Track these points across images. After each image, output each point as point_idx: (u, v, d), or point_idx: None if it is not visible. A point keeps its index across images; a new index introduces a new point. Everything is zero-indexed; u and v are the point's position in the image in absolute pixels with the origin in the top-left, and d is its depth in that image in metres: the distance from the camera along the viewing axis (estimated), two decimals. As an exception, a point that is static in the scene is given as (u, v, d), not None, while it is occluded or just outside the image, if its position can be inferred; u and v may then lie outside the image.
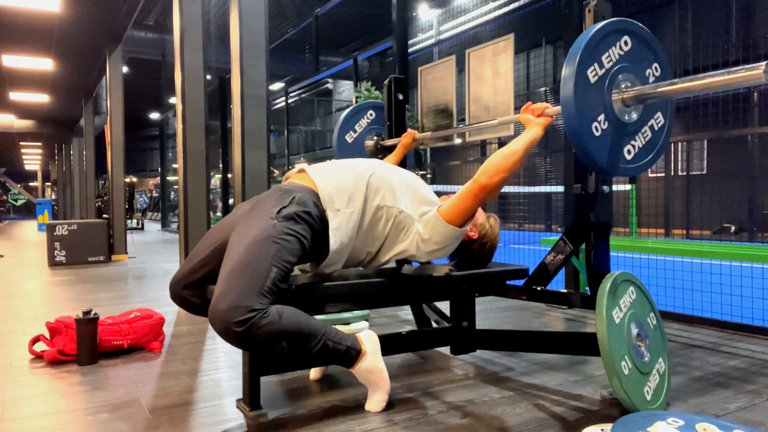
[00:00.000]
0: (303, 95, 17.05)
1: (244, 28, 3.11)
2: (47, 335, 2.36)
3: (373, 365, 1.67)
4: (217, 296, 1.48)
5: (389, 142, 2.66)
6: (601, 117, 1.57)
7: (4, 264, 6.17)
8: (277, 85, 12.73)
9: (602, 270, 1.84)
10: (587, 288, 1.98)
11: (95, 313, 2.25)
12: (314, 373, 2.02)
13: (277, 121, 15.19)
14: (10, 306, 3.57)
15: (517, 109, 2.04)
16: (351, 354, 1.65)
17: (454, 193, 1.83)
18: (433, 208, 1.80)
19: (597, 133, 1.56)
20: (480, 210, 1.96)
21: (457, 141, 2.75)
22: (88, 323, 2.21)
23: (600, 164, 1.58)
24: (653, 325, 1.75)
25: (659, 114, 1.72)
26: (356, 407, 1.73)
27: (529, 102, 1.82)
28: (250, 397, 1.71)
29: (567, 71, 1.54)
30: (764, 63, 1.27)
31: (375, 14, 10.86)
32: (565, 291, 2.22)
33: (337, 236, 1.67)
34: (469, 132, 2.52)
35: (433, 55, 7.71)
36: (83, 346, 2.22)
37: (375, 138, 2.80)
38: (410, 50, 4.91)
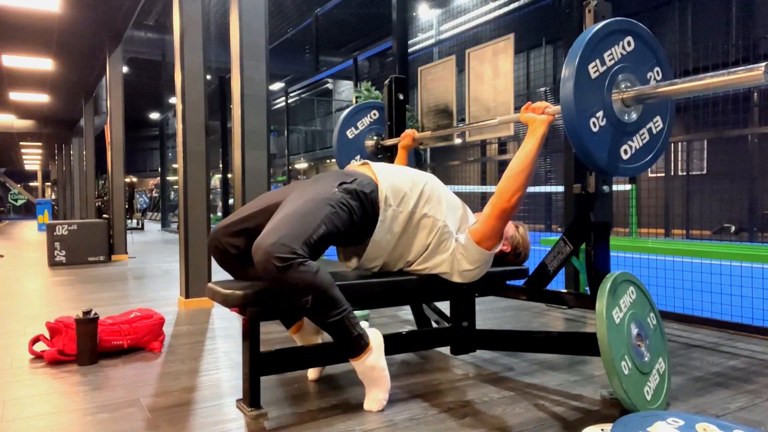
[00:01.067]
0: (303, 95, 17.05)
1: (244, 28, 3.11)
2: (47, 335, 2.35)
3: (377, 362, 1.69)
4: (266, 231, 1.57)
5: (389, 142, 2.66)
6: (600, 113, 1.57)
7: (4, 264, 6.17)
8: (277, 85, 12.74)
9: (602, 270, 1.84)
10: (587, 288, 1.98)
11: (95, 313, 2.25)
12: (312, 373, 2.02)
13: (277, 121, 15.20)
14: (10, 306, 3.57)
15: (517, 109, 2.04)
16: (360, 343, 1.67)
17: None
18: (467, 230, 1.84)
19: (594, 129, 1.56)
20: (509, 222, 2.02)
21: (458, 141, 2.75)
22: (88, 323, 2.21)
23: (595, 161, 1.58)
24: (653, 325, 1.74)
25: (658, 118, 1.72)
26: (356, 407, 1.73)
27: (529, 102, 1.83)
28: (250, 397, 1.71)
29: (569, 64, 1.55)
30: (764, 63, 1.27)
31: (375, 14, 10.85)
32: (565, 291, 2.22)
33: (383, 229, 1.77)
34: (469, 132, 2.52)
35: (433, 55, 7.71)
36: (83, 346, 2.22)
37: (375, 138, 2.80)
38: (410, 50, 4.92)
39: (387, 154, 2.75)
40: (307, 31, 10.58)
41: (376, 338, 1.72)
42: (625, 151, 1.65)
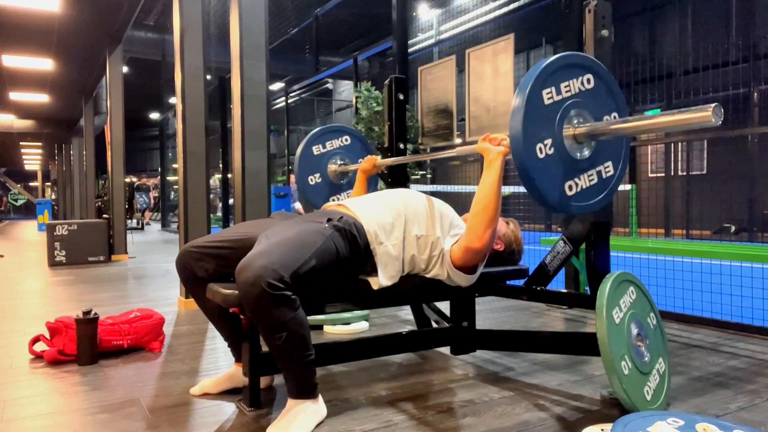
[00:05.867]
0: (303, 95, 17.04)
1: (244, 28, 3.11)
2: (47, 335, 2.35)
3: (313, 416, 1.57)
4: (257, 252, 1.50)
5: (387, 162, 2.50)
6: (548, 141, 1.52)
7: (4, 264, 6.17)
8: (277, 85, 12.74)
9: (602, 270, 1.84)
10: (587, 288, 1.98)
11: (95, 313, 2.25)
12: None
13: (277, 121, 15.19)
14: (10, 306, 3.57)
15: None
16: (313, 390, 1.59)
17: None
18: (448, 244, 1.79)
19: (540, 155, 1.50)
20: (499, 219, 2.00)
21: (457, 141, 2.75)
22: (88, 323, 2.21)
23: (537, 188, 1.51)
24: (653, 325, 1.75)
25: (610, 164, 1.66)
26: (356, 407, 1.73)
27: (488, 133, 1.80)
28: (250, 397, 1.71)
29: (523, 84, 1.51)
30: (713, 105, 1.26)
31: (375, 14, 10.85)
32: (565, 291, 2.22)
33: (386, 273, 1.73)
34: (469, 131, 2.52)
35: (433, 55, 7.71)
36: (83, 346, 2.22)
37: (339, 163, 2.68)
38: (410, 50, 4.91)
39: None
40: (307, 31, 10.58)
41: (323, 405, 1.63)
42: (570, 187, 1.58)
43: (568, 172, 1.57)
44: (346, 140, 2.73)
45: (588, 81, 1.61)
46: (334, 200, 2.66)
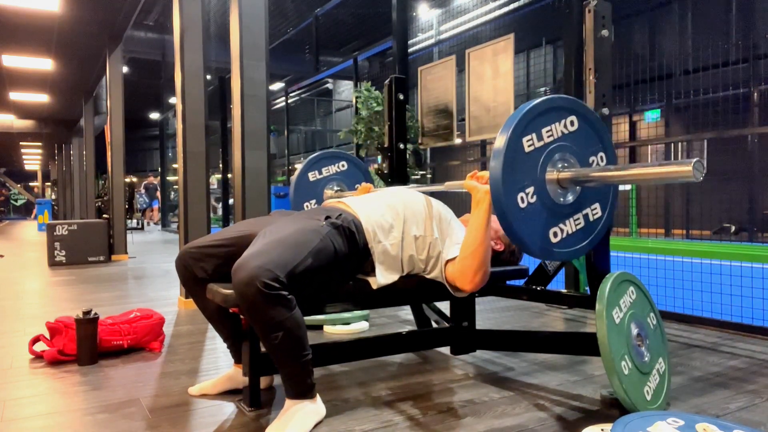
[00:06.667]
0: (303, 95, 17.05)
1: (244, 28, 3.11)
2: (47, 335, 2.36)
3: (311, 416, 1.58)
4: (252, 252, 1.50)
5: (346, 195, 2.49)
6: (530, 189, 1.49)
7: (4, 264, 6.17)
8: (277, 85, 12.74)
9: (602, 270, 1.84)
10: (587, 288, 1.98)
11: (95, 313, 2.25)
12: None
13: (277, 121, 15.19)
14: (10, 306, 3.57)
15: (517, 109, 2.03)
16: (310, 390, 1.59)
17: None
18: (446, 254, 1.76)
19: (522, 205, 1.47)
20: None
21: (458, 141, 2.75)
22: (88, 323, 2.21)
23: (520, 238, 1.48)
24: (653, 325, 1.75)
25: (597, 206, 1.64)
26: (356, 407, 1.73)
27: (476, 170, 1.77)
28: (250, 397, 1.72)
29: (502, 133, 1.47)
30: (695, 159, 1.25)
31: (375, 14, 10.85)
32: (565, 291, 2.22)
33: (385, 272, 1.73)
34: (469, 131, 2.52)
35: (433, 55, 7.71)
36: (83, 346, 2.22)
37: (336, 189, 2.68)
38: (410, 50, 4.91)
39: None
40: (307, 31, 10.58)
41: (321, 406, 1.64)
42: (555, 234, 1.54)
43: (551, 219, 1.53)
44: (343, 166, 2.73)
45: (572, 123, 1.57)
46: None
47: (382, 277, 1.73)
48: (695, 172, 1.26)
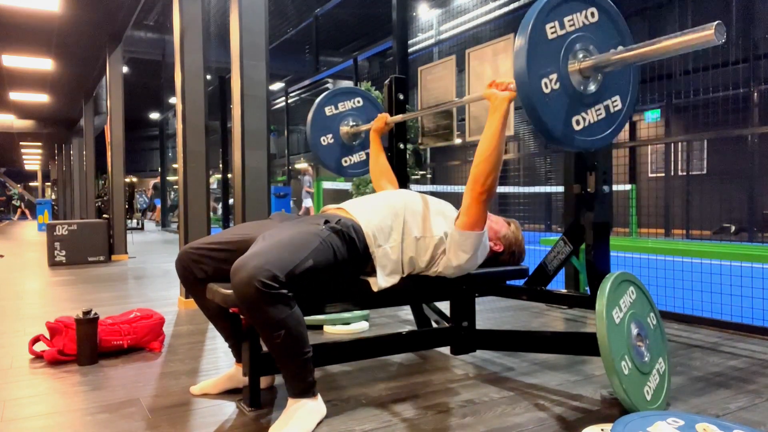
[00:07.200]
0: (303, 95, 17.04)
1: (244, 28, 3.11)
2: (47, 335, 2.35)
3: (313, 415, 1.58)
4: (252, 253, 1.50)
5: (363, 128, 2.53)
6: (553, 76, 1.51)
7: (4, 264, 6.17)
8: (277, 85, 12.75)
9: (602, 270, 1.84)
10: (587, 288, 1.98)
11: (95, 313, 2.25)
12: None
13: (277, 121, 15.20)
14: (10, 306, 3.57)
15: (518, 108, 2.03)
16: (311, 388, 1.59)
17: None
18: (453, 227, 1.79)
19: (546, 90, 1.50)
20: (500, 220, 2.03)
21: (458, 141, 2.74)
22: (88, 323, 2.21)
23: (544, 123, 1.50)
24: (653, 325, 1.75)
25: (617, 98, 1.66)
26: (356, 407, 1.73)
27: (494, 79, 1.79)
28: (250, 397, 1.72)
29: (526, 17, 1.51)
30: (716, 22, 1.24)
31: (375, 14, 10.85)
32: (565, 291, 2.22)
33: (385, 275, 1.74)
34: (469, 131, 2.52)
35: (433, 55, 7.71)
36: (83, 346, 2.22)
37: (352, 125, 2.69)
38: (410, 50, 4.92)
39: (361, 142, 2.70)
40: (307, 31, 10.58)
41: (322, 404, 1.64)
42: (578, 122, 1.57)
43: (574, 107, 1.56)
44: (359, 102, 2.73)
45: (592, 14, 1.60)
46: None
47: (383, 280, 1.73)
48: (717, 35, 1.24)
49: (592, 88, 1.58)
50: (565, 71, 1.54)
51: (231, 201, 5.39)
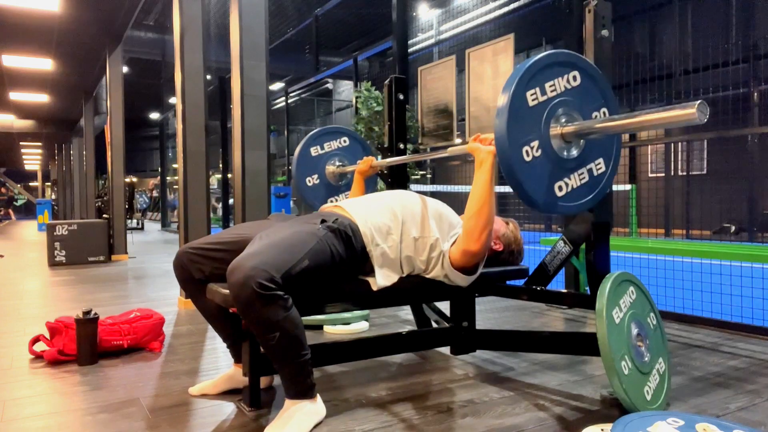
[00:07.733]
0: (303, 95, 17.05)
1: (244, 28, 3.11)
2: (47, 335, 2.35)
3: (310, 416, 1.57)
4: (248, 253, 1.50)
5: (384, 162, 2.48)
6: (535, 143, 1.49)
7: (4, 264, 6.17)
8: (277, 85, 12.74)
9: (602, 270, 1.84)
10: (587, 288, 1.98)
11: (95, 313, 2.25)
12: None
13: (277, 121, 15.19)
14: (10, 306, 3.57)
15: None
16: (310, 390, 1.59)
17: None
18: (447, 246, 1.78)
19: (527, 158, 1.47)
20: (498, 220, 2.01)
21: (458, 141, 2.75)
22: (88, 323, 2.21)
23: (526, 192, 1.48)
24: (653, 325, 1.75)
25: (601, 160, 1.64)
26: (356, 407, 1.73)
27: (478, 133, 1.79)
28: (250, 397, 1.72)
29: (506, 88, 1.48)
30: (698, 102, 1.23)
31: (375, 14, 10.85)
32: (565, 291, 2.22)
33: (384, 275, 1.73)
34: (469, 131, 2.52)
35: (433, 55, 7.71)
36: (83, 346, 2.22)
37: (338, 164, 2.66)
38: (410, 50, 4.91)
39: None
40: (307, 31, 10.58)
41: (322, 406, 1.63)
42: (560, 188, 1.55)
43: (557, 173, 1.54)
44: (345, 141, 2.71)
45: (574, 78, 1.58)
46: (332, 201, 2.66)
47: (382, 278, 1.73)
48: (699, 114, 1.23)
49: (574, 152, 1.57)
50: (546, 137, 1.51)
51: (231, 201, 5.39)
